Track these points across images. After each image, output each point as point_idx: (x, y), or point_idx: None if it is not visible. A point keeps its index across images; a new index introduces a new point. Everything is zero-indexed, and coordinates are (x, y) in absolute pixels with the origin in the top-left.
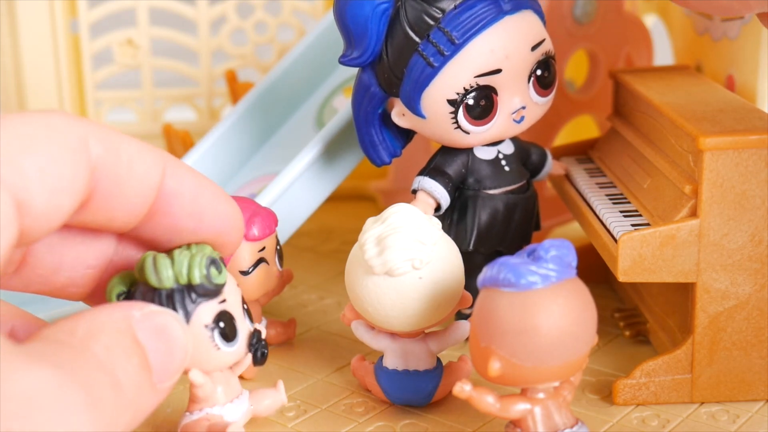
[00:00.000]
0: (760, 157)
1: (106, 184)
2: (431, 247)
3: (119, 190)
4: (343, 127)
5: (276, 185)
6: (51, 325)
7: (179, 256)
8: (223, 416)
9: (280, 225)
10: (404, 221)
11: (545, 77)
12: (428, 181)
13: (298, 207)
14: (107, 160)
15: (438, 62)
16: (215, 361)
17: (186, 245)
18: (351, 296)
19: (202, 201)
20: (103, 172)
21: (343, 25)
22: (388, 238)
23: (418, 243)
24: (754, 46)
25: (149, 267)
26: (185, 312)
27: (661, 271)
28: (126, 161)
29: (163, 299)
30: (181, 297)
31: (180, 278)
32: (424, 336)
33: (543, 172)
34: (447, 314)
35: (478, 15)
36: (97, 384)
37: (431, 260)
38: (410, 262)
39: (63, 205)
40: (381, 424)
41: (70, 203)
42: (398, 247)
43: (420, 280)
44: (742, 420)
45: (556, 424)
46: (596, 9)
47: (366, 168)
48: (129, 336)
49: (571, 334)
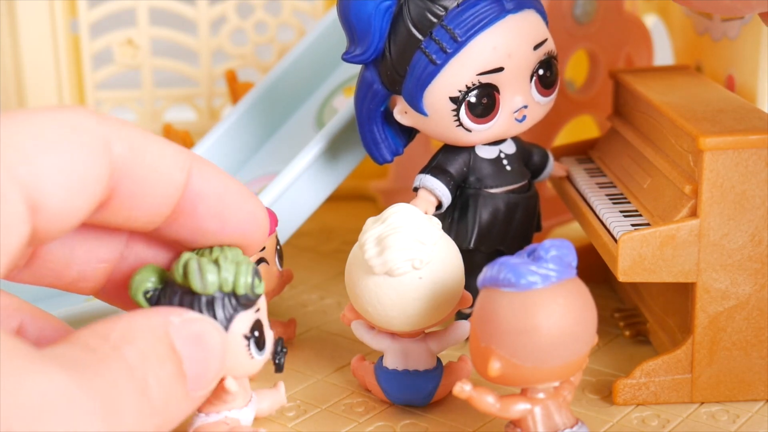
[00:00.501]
0: (760, 157)
1: (128, 184)
2: (431, 247)
3: (141, 190)
4: (343, 127)
5: (276, 185)
6: (84, 328)
7: (225, 262)
8: (239, 420)
9: (281, 225)
10: (404, 221)
11: (547, 77)
12: (430, 179)
13: (299, 207)
14: (130, 161)
15: (440, 59)
16: (248, 369)
17: (218, 247)
18: (351, 296)
19: (228, 202)
20: (125, 173)
21: (346, 22)
22: (388, 238)
23: (418, 243)
24: (754, 46)
25: (194, 271)
26: (225, 320)
27: (661, 271)
28: (149, 162)
29: (202, 305)
30: (222, 304)
31: (225, 286)
32: (424, 336)
33: (544, 174)
34: (447, 314)
35: (481, 13)
36: (121, 391)
37: (431, 260)
38: (410, 262)
39: (80, 206)
40: (381, 424)
41: (87, 204)
42: (398, 247)
43: (420, 280)
44: (742, 420)
45: (556, 424)
46: (596, 9)
47: (366, 168)
48: (166, 343)
49: (572, 334)
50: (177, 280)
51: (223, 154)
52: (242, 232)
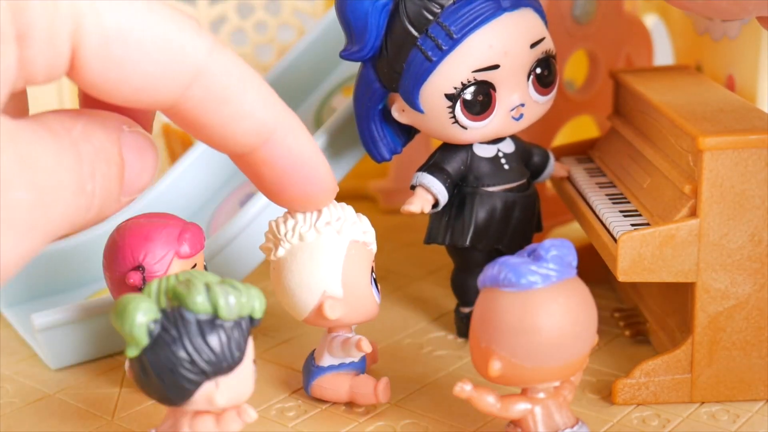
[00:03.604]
0: (759, 157)
1: (197, 112)
2: (296, 229)
3: (203, 129)
4: (341, 126)
5: None
6: (51, 113)
7: (240, 287)
8: None
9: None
10: None
11: (545, 76)
12: (427, 177)
13: None
14: (206, 101)
15: (436, 57)
16: None
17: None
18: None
19: (298, 170)
20: (198, 108)
21: (343, 20)
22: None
23: (291, 218)
24: (754, 46)
25: (221, 296)
26: (244, 344)
27: (660, 271)
28: (227, 114)
29: (228, 330)
30: (241, 329)
31: (243, 311)
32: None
33: (545, 174)
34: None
35: (477, 10)
36: (63, 179)
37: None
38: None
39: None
40: (381, 424)
41: None
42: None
43: (274, 258)
44: (743, 420)
45: (556, 423)
46: (596, 9)
47: (366, 167)
48: (116, 147)
49: (572, 334)
50: (189, 306)
51: (221, 154)
52: (307, 195)
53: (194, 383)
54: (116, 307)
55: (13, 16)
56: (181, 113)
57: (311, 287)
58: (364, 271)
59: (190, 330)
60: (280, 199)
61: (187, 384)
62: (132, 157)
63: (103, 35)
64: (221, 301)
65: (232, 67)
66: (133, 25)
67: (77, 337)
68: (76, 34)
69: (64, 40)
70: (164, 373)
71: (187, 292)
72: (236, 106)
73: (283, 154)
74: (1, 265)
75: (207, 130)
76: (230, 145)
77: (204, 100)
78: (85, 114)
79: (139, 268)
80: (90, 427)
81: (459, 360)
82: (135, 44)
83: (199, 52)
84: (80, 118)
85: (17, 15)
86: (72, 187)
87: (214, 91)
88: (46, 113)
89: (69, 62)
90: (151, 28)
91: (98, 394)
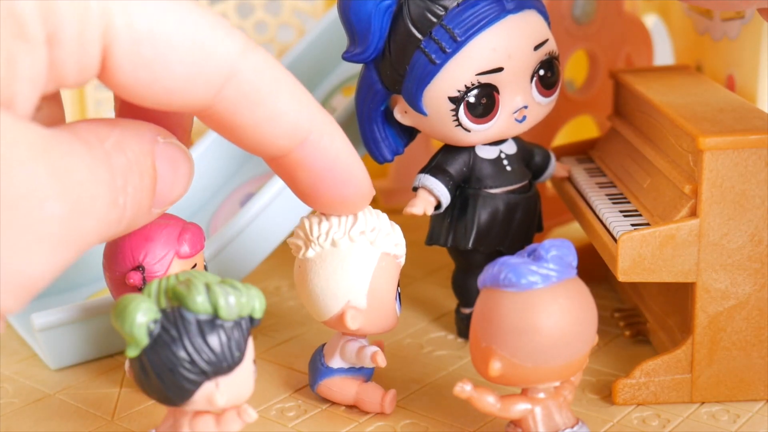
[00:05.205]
0: (759, 157)
1: (231, 116)
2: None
3: (237, 132)
4: (342, 126)
5: (275, 183)
6: (84, 123)
7: (239, 286)
8: None
9: (281, 222)
10: None
11: (548, 77)
12: (429, 178)
13: (298, 205)
14: (239, 102)
15: (440, 59)
16: None
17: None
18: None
19: (334, 173)
20: (230, 110)
21: (346, 21)
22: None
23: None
24: (754, 46)
25: (221, 296)
26: (244, 344)
27: (660, 271)
28: (261, 116)
29: (226, 330)
30: (241, 328)
31: (243, 311)
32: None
33: (546, 174)
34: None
35: (481, 13)
36: (95, 193)
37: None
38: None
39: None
40: (381, 424)
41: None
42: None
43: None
44: (743, 420)
45: (556, 423)
46: (596, 9)
47: (366, 168)
48: (150, 159)
49: (572, 334)
50: (182, 305)
51: (222, 152)
52: (342, 197)
53: (194, 383)
54: (116, 307)
55: (43, 17)
56: (214, 115)
57: (337, 295)
58: (391, 285)
59: (190, 330)
60: (315, 202)
61: (187, 384)
62: (165, 169)
63: (133, 36)
64: (221, 301)
65: (265, 68)
66: (164, 26)
67: (77, 337)
68: (107, 34)
69: (95, 42)
70: (164, 373)
71: (187, 292)
72: (270, 108)
73: (318, 156)
74: (33, 278)
75: (240, 132)
76: (264, 148)
77: (237, 101)
78: (120, 124)
79: (139, 268)
80: (90, 427)
81: (459, 360)
82: (166, 45)
83: (231, 52)
84: (115, 129)
85: (46, 16)
86: (105, 200)
87: (247, 93)
88: (80, 122)
89: (100, 64)
90: (183, 28)
91: (98, 394)
